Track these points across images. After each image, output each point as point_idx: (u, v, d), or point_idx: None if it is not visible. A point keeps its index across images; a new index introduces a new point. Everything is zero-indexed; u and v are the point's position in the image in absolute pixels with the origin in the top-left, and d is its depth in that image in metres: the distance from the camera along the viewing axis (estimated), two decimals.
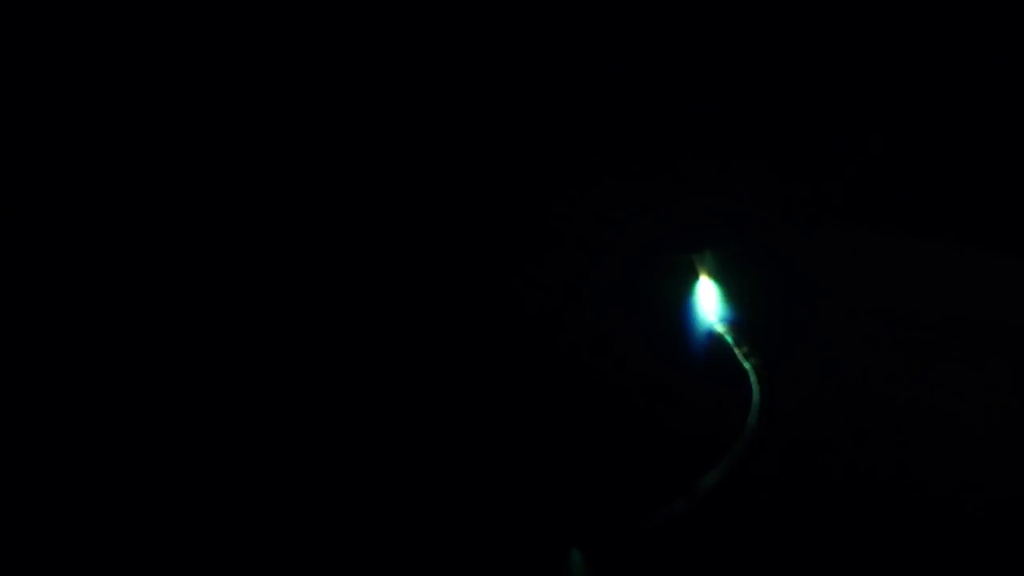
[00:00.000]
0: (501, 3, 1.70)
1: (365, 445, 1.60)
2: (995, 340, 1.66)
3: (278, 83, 1.71)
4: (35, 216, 1.66)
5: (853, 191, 1.75)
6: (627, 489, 1.54)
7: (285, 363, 1.66)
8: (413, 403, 1.64)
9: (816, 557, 1.52)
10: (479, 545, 1.51)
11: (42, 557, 1.50)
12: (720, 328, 1.66)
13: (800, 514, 1.55)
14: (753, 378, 1.63)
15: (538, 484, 1.56)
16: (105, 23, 1.68)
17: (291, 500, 1.56)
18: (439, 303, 1.70)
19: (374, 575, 1.51)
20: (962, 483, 1.55)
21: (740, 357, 1.65)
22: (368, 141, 1.73)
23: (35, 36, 1.67)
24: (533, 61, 1.72)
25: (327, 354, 1.67)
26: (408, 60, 1.72)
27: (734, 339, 1.66)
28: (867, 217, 1.75)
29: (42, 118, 1.68)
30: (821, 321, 1.70)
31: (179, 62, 1.70)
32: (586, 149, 1.72)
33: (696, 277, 1.67)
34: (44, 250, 1.66)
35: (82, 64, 1.68)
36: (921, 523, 1.53)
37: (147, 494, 1.55)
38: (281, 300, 1.70)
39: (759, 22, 1.69)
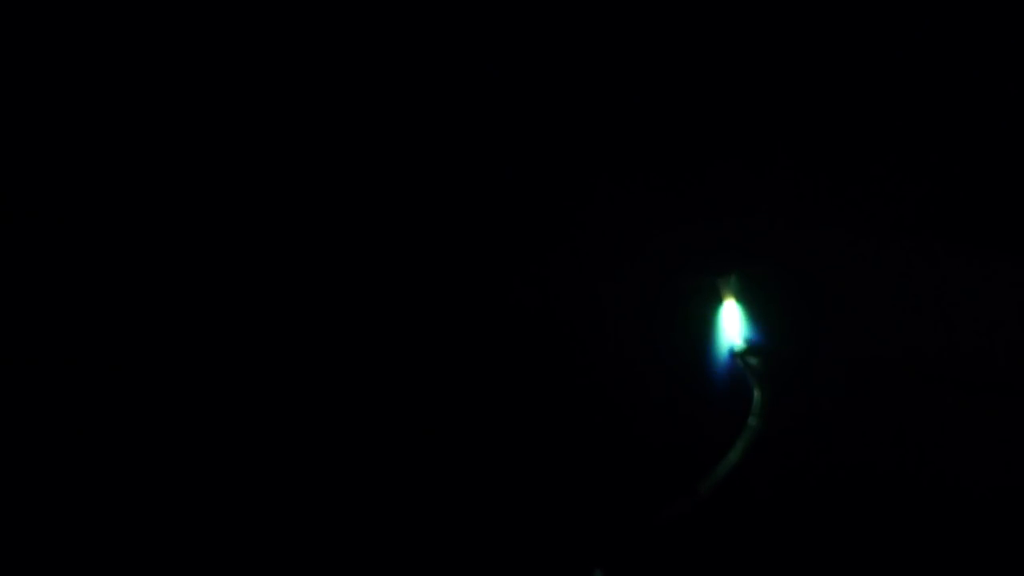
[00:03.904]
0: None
1: (375, 456, 1.61)
2: (995, 341, 1.66)
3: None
4: (35, 216, 1.66)
5: (853, 194, 1.75)
6: (637, 496, 1.55)
7: (287, 363, 1.66)
8: (431, 416, 1.64)
9: (816, 557, 1.52)
10: (503, 567, 1.52)
11: (42, 557, 1.50)
12: (733, 341, 1.67)
13: (800, 514, 1.56)
14: (754, 379, 1.64)
15: (555, 500, 1.57)
16: (105, 23, 1.67)
17: (295, 501, 1.56)
18: (454, 309, 1.71)
19: None
20: (962, 484, 1.56)
21: (741, 358, 1.66)
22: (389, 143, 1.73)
23: (35, 36, 1.66)
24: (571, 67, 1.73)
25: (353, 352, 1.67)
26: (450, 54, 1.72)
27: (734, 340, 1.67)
28: (867, 217, 1.76)
29: (42, 118, 1.67)
30: (821, 321, 1.71)
31: (179, 62, 1.70)
32: (614, 154, 1.73)
33: (718, 298, 1.69)
34: (44, 250, 1.65)
35: (82, 64, 1.68)
36: (921, 523, 1.53)
37: (147, 494, 1.55)
38: (282, 298, 1.70)
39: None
